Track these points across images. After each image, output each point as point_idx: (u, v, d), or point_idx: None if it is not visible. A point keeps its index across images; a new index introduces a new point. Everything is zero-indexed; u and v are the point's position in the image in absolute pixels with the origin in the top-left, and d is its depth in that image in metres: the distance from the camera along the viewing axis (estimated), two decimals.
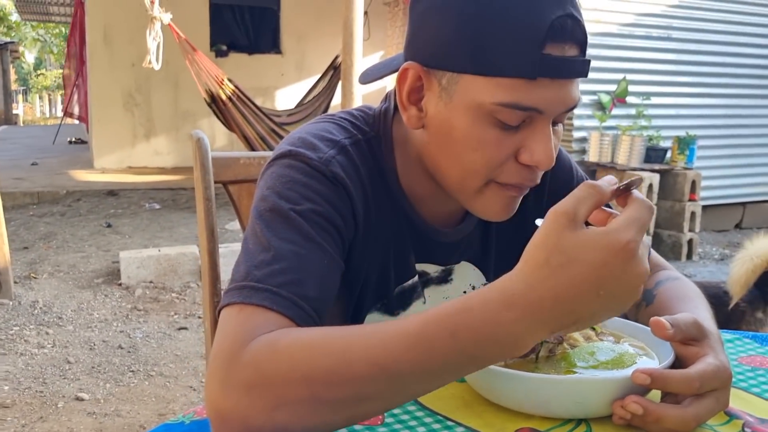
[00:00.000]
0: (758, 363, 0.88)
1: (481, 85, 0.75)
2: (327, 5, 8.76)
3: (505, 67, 0.73)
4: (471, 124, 0.77)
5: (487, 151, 0.78)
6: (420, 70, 0.80)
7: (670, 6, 5.80)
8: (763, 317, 2.34)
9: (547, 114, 0.77)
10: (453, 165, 0.82)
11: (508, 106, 0.75)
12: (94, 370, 2.93)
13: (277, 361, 0.63)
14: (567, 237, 0.57)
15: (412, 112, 0.83)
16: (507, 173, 0.80)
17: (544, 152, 0.77)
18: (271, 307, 0.70)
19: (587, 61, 0.77)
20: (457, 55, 0.76)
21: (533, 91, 0.74)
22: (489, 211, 0.84)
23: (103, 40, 8.18)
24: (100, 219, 5.86)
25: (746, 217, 6.45)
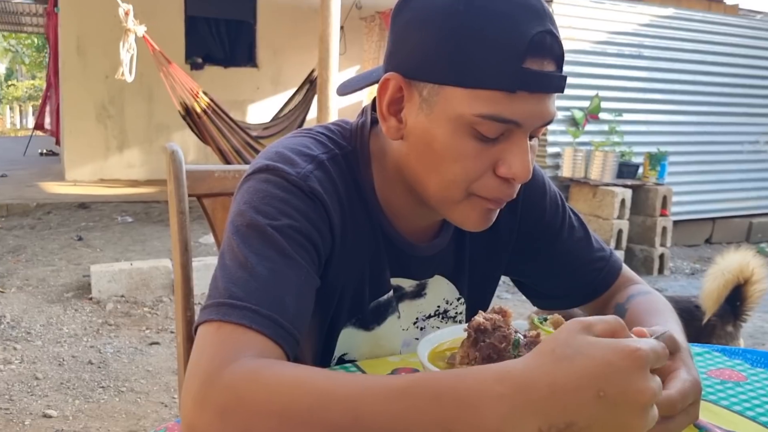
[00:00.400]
0: (727, 376, 0.89)
1: (461, 97, 0.76)
2: (303, 19, 8.78)
3: (485, 79, 0.74)
4: (451, 136, 0.78)
5: (466, 163, 0.79)
6: (401, 81, 0.81)
7: (642, 25, 5.91)
8: (734, 331, 2.37)
9: (525, 127, 0.78)
10: (433, 176, 0.82)
11: (488, 117, 0.75)
12: (63, 386, 2.87)
13: (256, 391, 0.62)
14: (578, 336, 0.55)
15: (391, 123, 0.83)
16: (485, 186, 0.81)
17: (521, 165, 0.78)
18: (251, 326, 0.69)
19: (564, 77, 0.79)
20: (438, 67, 0.77)
21: (512, 104, 0.75)
22: (467, 221, 0.84)
23: (76, 51, 8.10)
24: (71, 232, 5.76)
25: (716, 232, 6.56)
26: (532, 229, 1.02)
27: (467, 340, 0.76)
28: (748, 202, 6.70)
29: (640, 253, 5.44)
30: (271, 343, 0.70)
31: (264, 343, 0.70)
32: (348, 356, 0.95)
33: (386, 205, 0.91)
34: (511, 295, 4.27)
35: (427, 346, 0.81)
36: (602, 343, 0.54)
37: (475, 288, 1.03)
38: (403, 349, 0.99)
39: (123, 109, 8.40)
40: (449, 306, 1.01)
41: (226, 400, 0.62)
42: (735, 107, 6.54)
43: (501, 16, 0.74)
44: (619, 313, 0.98)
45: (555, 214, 1.03)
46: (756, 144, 6.76)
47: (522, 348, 0.74)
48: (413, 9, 0.79)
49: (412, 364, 0.89)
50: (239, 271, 0.74)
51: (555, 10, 5.46)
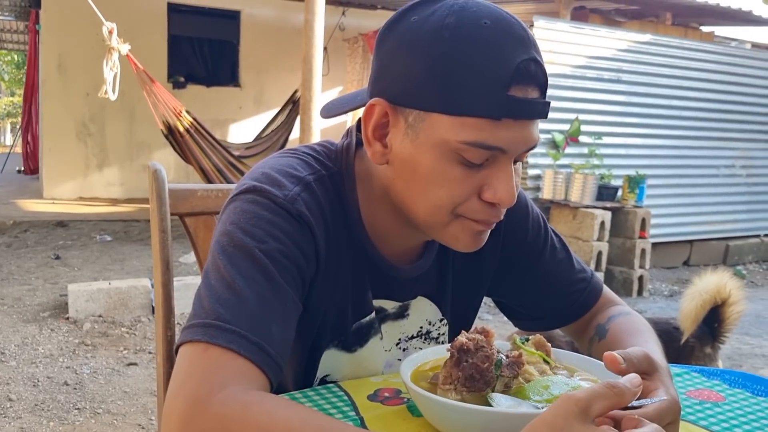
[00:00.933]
0: (706, 396, 0.90)
1: (447, 124, 0.77)
2: (286, 40, 8.83)
3: (471, 107, 0.75)
4: (436, 161, 0.79)
5: (452, 188, 0.79)
6: (386, 107, 0.81)
7: (620, 50, 6.02)
8: (712, 353, 2.39)
9: (510, 153, 0.79)
10: (419, 201, 0.82)
11: (474, 145, 0.76)
12: (38, 408, 2.82)
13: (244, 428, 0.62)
14: (575, 426, 0.55)
15: (377, 148, 0.83)
16: (471, 210, 0.81)
17: (506, 190, 0.79)
18: (239, 352, 0.69)
19: (547, 102, 0.80)
20: (424, 94, 0.77)
21: (498, 131, 0.76)
22: (459, 243, 0.85)
23: (57, 69, 8.06)
24: (48, 251, 5.69)
25: (693, 255, 6.64)
26: (514, 250, 1.03)
27: (450, 360, 0.76)
28: (725, 225, 6.79)
29: (619, 275, 5.48)
30: (257, 371, 0.70)
31: (251, 370, 0.69)
32: (330, 377, 0.95)
33: (371, 226, 0.91)
34: (492, 316, 4.27)
35: (411, 365, 0.81)
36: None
37: (457, 309, 1.03)
38: (385, 370, 0.98)
39: (104, 127, 8.35)
40: (432, 327, 1.01)
41: (212, 429, 0.62)
42: (711, 131, 6.66)
43: (486, 45, 0.75)
44: (600, 333, 0.98)
45: (537, 235, 1.04)
46: (732, 168, 6.87)
47: (504, 368, 0.75)
48: (399, 35, 0.80)
49: (394, 384, 0.89)
50: (226, 293, 0.73)
51: (536, 34, 5.53)
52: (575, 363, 0.85)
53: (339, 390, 0.87)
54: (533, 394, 0.74)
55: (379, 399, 0.84)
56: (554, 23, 5.76)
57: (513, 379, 0.75)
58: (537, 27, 5.54)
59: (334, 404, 0.82)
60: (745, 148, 6.93)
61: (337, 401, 0.83)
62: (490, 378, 0.74)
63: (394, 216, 0.89)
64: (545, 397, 0.73)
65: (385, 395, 0.85)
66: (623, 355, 0.70)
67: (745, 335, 4.30)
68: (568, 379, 0.78)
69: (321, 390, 0.87)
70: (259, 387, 0.70)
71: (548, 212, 5.59)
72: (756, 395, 0.91)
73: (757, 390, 0.93)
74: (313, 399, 0.84)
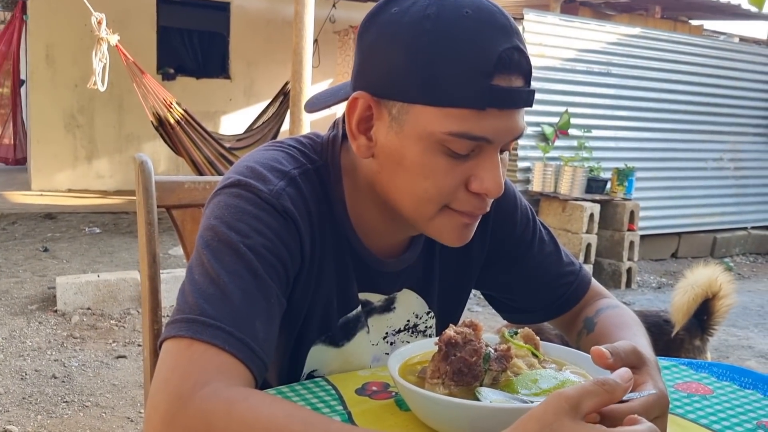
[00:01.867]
0: (694, 389, 0.91)
1: (431, 115, 0.76)
2: (277, 32, 8.78)
3: (455, 97, 0.75)
4: (421, 153, 0.78)
5: (438, 180, 0.79)
6: (370, 100, 0.80)
7: (610, 43, 6.02)
8: (701, 345, 2.41)
9: (496, 143, 0.78)
10: (405, 194, 0.82)
11: (459, 135, 0.76)
12: (25, 401, 2.80)
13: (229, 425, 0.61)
14: (565, 422, 0.55)
15: (361, 142, 0.83)
16: (458, 201, 0.81)
17: (493, 180, 0.79)
18: (224, 348, 0.68)
19: (532, 91, 0.79)
20: (407, 86, 0.76)
21: (482, 121, 0.75)
22: (446, 236, 0.85)
23: (45, 60, 7.98)
24: (36, 243, 5.65)
25: (681, 247, 6.68)
26: (503, 243, 1.03)
27: (438, 353, 0.76)
28: (713, 217, 6.84)
29: (608, 267, 5.51)
30: (242, 367, 0.70)
31: (236, 367, 0.69)
32: (317, 372, 0.94)
33: (356, 220, 0.90)
34: (481, 308, 4.28)
35: (398, 359, 0.81)
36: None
37: (445, 302, 1.03)
38: (372, 364, 0.98)
39: (93, 119, 8.28)
40: (419, 320, 1.01)
41: (196, 426, 0.61)
42: (699, 125, 6.68)
43: (468, 34, 0.74)
44: (588, 326, 0.99)
45: (526, 227, 1.04)
46: (720, 161, 6.91)
47: (492, 362, 0.74)
48: (380, 27, 0.79)
49: (382, 378, 0.89)
50: (210, 288, 0.73)
51: (525, 27, 5.54)
52: (564, 356, 0.85)
53: (327, 384, 0.87)
54: (522, 388, 0.74)
55: (367, 393, 0.84)
56: (544, 16, 5.75)
57: (501, 373, 0.75)
58: (527, 20, 5.53)
59: (322, 398, 0.82)
60: (733, 142, 6.97)
61: (325, 395, 0.83)
62: (479, 372, 0.74)
63: (379, 209, 0.88)
64: (534, 391, 0.73)
65: (373, 389, 0.85)
66: (611, 349, 0.70)
67: (732, 327, 4.33)
68: (556, 372, 0.78)
69: (308, 384, 0.87)
70: (244, 383, 0.69)
71: (538, 205, 5.60)
72: (744, 388, 0.92)
73: (744, 383, 0.93)
74: (301, 393, 0.84)
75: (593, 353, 0.70)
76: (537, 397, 0.73)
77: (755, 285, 5.75)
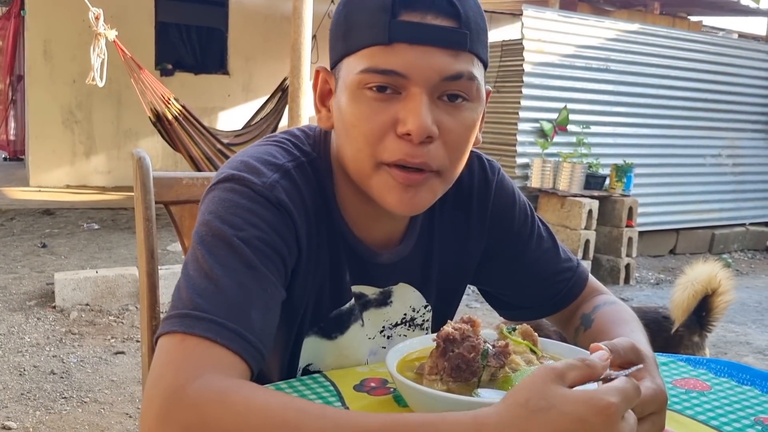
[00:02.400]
0: (692, 386, 0.91)
1: (351, 63, 0.80)
2: (275, 27, 8.76)
3: (362, 38, 0.79)
4: (350, 102, 0.81)
5: (363, 125, 0.80)
6: (325, 73, 0.87)
7: (609, 39, 6.02)
8: (700, 341, 2.42)
9: (414, 79, 0.78)
10: (347, 149, 0.84)
11: (368, 71, 0.78)
12: (24, 397, 2.80)
13: (222, 415, 0.61)
14: (552, 387, 0.57)
15: (323, 114, 0.88)
16: (388, 150, 0.80)
17: (414, 119, 0.77)
18: (216, 340, 0.68)
19: (461, 32, 0.78)
20: (337, 44, 0.83)
21: (391, 56, 0.77)
22: (387, 199, 0.83)
23: (43, 55, 7.96)
24: (34, 239, 5.64)
25: (680, 243, 6.68)
26: (500, 238, 1.03)
27: (436, 350, 0.76)
28: (711, 213, 6.84)
29: (606, 263, 5.51)
30: (236, 359, 0.69)
31: (230, 358, 0.69)
32: (312, 366, 0.94)
33: (347, 211, 0.91)
34: (479, 305, 4.29)
35: (396, 355, 0.81)
36: (576, 398, 0.56)
37: (442, 296, 1.03)
38: (369, 358, 0.98)
39: (91, 114, 8.27)
40: (416, 314, 1.01)
41: (190, 420, 0.61)
42: (698, 121, 6.68)
43: None
44: (585, 322, 0.99)
45: (524, 223, 1.04)
46: (718, 157, 6.91)
47: (491, 358, 0.74)
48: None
49: (380, 374, 0.89)
50: (204, 282, 0.72)
51: (524, 23, 5.53)
52: (562, 352, 0.85)
53: (325, 380, 0.87)
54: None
55: (365, 389, 0.84)
56: (543, 12, 5.74)
57: (499, 369, 0.75)
58: (526, 16, 5.53)
59: (320, 394, 0.82)
60: (731, 138, 6.97)
61: (323, 391, 0.83)
62: (477, 368, 0.74)
63: (362, 199, 0.89)
64: None
65: (371, 385, 0.85)
66: (609, 346, 0.70)
67: (729, 323, 4.34)
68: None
69: (306, 380, 0.87)
70: (239, 375, 0.69)
71: (536, 201, 5.60)
72: (742, 384, 0.92)
73: (742, 379, 0.93)
74: (299, 389, 0.84)
75: (592, 350, 0.70)
76: None
77: (753, 281, 5.76)
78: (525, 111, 5.66)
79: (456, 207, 0.99)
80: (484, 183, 1.01)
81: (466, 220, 1.00)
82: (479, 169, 1.01)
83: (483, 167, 1.02)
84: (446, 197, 0.95)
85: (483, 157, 1.03)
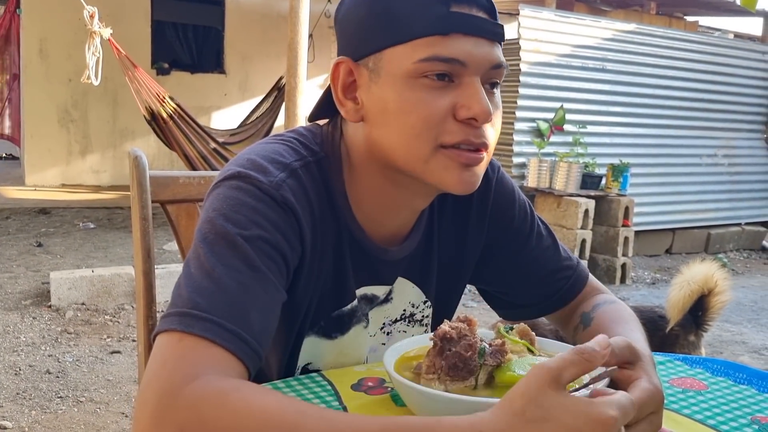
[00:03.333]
0: (688, 385, 0.91)
1: (401, 53, 0.80)
2: (272, 27, 8.75)
3: (417, 28, 0.79)
4: (402, 91, 0.80)
5: (422, 111, 0.80)
6: (350, 64, 0.84)
7: (605, 39, 6.03)
8: (695, 340, 2.42)
9: (471, 67, 0.80)
10: (396, 139, 0.83)
11: (429, 59, 0.79)
12: (19, 397, 2.79)
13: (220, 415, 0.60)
14: (549, 394, 0.56)
15: (349, 107, 0.86)
16: (449, 133, 0.81)
17: (478, 104, 0.80)
18: (214, 340, 0.68)
19: (499, 25, 0.82)
20: (375, 35, 0.81)
21: (449, 44, 0.78)
22: (448, 181, 0.83)
23: (38, 54, 7.94)
24: (30, 238, 5.62)
25: (676, 243, 6.70)
26: (500, 236, 1.03)
27: (433, 349, 0.75)
28: (707, 213, 6.85)
29: (602, 263, 5.52)
30: (234, 360, 0.69)
31: (227, 359, 0.68)
32: (312, 365, 0.94)
33: (359, 207, 0.90)
34: (476, 304, 4.29)
35: (394, 355, 0.80)
36: (575, 410, 0.55)
37: (442, 292, 1.03)
38: (369, 355, 0.98)
39: (86, 113, 8.25)
40: (415, 309, 1.01)
41: (186, 420, 0.61)
42: (694, 121, 6.69)
43: None
44: (585, 321, 0.99)
45: (523, 221, 1.04)
46: (714, 157, 6.93)
47: (488, 357, 0.74)
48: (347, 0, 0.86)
49: (378, 373, 0.89)
50: (205, 281, 0.72)
51: (521, 23, 5.54)
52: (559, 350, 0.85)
53: (322, 379, 0.87)
54: (519, 369, 0.74)
55: (363, 389, 0.83)
56: (540, 12, 5.75)
57: (496, 368, 0.75)
58: (523, 15, 5.53)
59: (317, 394, 0.82)
60: (727, 138, 6.98)
61: (320, 391, 0.83)
62: (474, 367, 0.74)
63: (378, 192, 0.88)
64: None
65: (368, 385, 0.85)
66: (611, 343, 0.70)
67: (725, 322, 4.35)
68: None
69: (304, 379, 0.87)
70: (236, 375, 0.68)
71: (533, 200, 5.61)
72: (738, 383, 0.92)
73: (739, 378, 0.93)
74: (296, 388, 0.83)
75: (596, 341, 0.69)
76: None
77: (748, 281, 5.77)
78: (522, 110, 5.66)
79: (456, 204, 1.00)
80: (484, 181, 1.01)
81: (466, 218, 1.00)
82: None
83: None
84: (447, 194, 0.96)
85: None
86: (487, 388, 0.74)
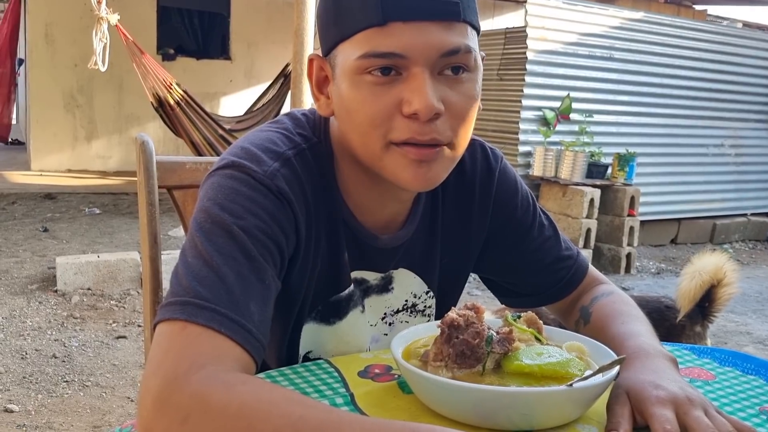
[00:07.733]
0: (696, 375, 0.91)
1: (347, 49, 0.79)
2: (278, 13, 8.71)
3: (356, 23, 0.77)
4: (350, 88, 0.80)
5: (367, 110, 0.79)
6: (321, 61, 0.85)
7: (613, 27, 5.98)
8: (702, 331, 2.42)
9: (414, 59, 0.77)
10: (353, 135, 0.83)
11: (367, 56, 0.77)
12: (26, 381, 2.81)
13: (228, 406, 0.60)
14: None
15: (322, 101, 0.87)
16: (396, 130, 0.79)
17: (419, 98, 0.77)
18: (219, 330, 0.68)
19: (452, 2, 0.77)
20: (329, 31, 0.81)
21: (387, 37, 0.76)
22: (401, 177, 0.82)
23: (44, 39, 7.92)
24: (36, 223, 5.64)
25: (681, 233, 6.68)
26: (502, 226, 1.03)
27: (440, 336, 0.75)
28: (713, 203, 6.83)
29: (607, 252, 5.51)
30: (240, 350, 0.69)
31: (233, 349, 0.68)
32: (313, 354, 0.94)
33: (348, 196, 0.90)
34: (480, 292, 4.29)
35: (402, 342, 0.80)
36: None
37: (444, 282, 1.03)
38: (371, 345, 0.98)
39: (92, 99, 8.25)
40: (417, 300, 1.01)
41: (192, 407, 0.61)
42: (701, 110, 6.65)
43: None
44: (584, 316, 0.99)
45: (526, 212, 1.04)
46: (721, 147, 6.89)
47: (495, 344, 0.74)
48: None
49: (385, 360, 0.89)
50: (204, 270, 0.72)
51: (529, 10, 5.50)
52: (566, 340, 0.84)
53: (329, 366, 0.87)
54: (525, 358, 0.73)
55: (370, 375, 0.83)
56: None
57: (504, 357, 0.75)
58: (530, 3, 5.49)
59: (324, 380, 0.82)
60: (734, 128, 6.94)
61: (327, 377, 0.83)
62: (481, 354, 0.74)
63: (365, 179, 0.88)
64: (537, 362, 0.73)
65: (375, 372, 0.85)
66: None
67: (730, 313, 4.34)
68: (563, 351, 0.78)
69: (311, 366, 0.87)
70: (243, 365, 0.69)
71: (538, 189, 5.60)
72: (746, 374, 0.92)
73: (747, 368, 0.93)
74: (303, 375, 0.84)
75: None
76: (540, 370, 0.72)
77: (754, 271, 5.76)
78: (528, 99, 5.63)
79: (459, 194, 0.99)
80: (486, 171, 1.01)
81: (469, 208, 1.00)
82: (482, 157, 1.01)
83: (486, 155, 1.02)
84: (449, 184, 0.95)
85: (486, 146, 1.03)
86: (494, 375, 0.74)
